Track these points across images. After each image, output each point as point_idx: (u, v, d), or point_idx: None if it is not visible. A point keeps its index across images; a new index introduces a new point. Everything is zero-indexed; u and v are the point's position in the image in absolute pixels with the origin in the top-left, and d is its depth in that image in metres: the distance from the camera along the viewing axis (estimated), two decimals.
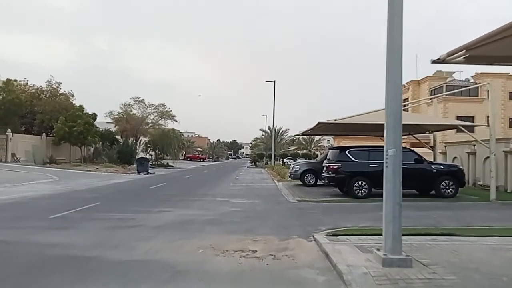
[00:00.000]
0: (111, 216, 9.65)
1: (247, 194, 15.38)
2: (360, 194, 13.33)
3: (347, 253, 5.76)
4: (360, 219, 9.21)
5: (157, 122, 44.11)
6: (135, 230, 7.88)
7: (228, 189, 17.78)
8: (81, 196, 14.12)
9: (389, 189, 5.23)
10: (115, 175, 27.09)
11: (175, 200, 13.33)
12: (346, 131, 18.08)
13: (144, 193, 15.98)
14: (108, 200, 13.13)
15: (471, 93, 47.02)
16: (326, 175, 14.17)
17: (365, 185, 13.36)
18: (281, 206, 11.98)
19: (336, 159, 13.87)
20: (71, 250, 6.16)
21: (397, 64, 5.26)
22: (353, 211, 10.82)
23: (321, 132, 19.97)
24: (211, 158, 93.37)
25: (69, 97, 41.96)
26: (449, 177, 13.58)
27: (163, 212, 10.34)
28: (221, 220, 9.14)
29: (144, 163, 29.93)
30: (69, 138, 34.96)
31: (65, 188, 16.81)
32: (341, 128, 15.68)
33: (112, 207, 11.44)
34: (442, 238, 6.91)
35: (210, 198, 13.81)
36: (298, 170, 19.08)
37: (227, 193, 15.55)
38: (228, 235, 7.36)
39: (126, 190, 16.98)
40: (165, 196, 14.46)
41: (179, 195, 14.84)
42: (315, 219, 9.27)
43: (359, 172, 13.48)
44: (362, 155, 13.72)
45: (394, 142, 5.24)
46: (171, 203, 12.45)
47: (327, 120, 13.05)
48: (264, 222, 8.96)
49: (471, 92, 46.80)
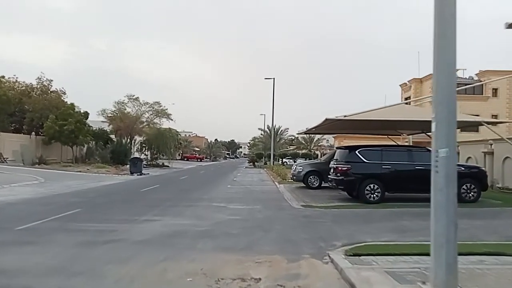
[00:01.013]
0: (89, 227, 8.27)
1: (246, 198, 14.03)
2: (372, 199, 12.01)
3: (379, 284, 4.42)
4: (379, 231, 7.87)
5: (152, 120, 42.57)
6: (112, 247, 6.51)
7: (225, 192, 16.42)
8: (63, 200, 12.73)
9: (440, 201, 3.90)
10: (107, 176, 25.67)
11: (166, 205, 11.96)
12: (354, 129, 16.73)
13: (134, 197, 14.59)
14: (91, 205, 11.75)
15: (475, 91, 45.83)
16: (334, 177, 12.83)
17: (378, 188, 12.03)
18: (285, 213, 10.63)
19: (345, 160, 12.53)
20: (17, 280, 4.77)
21: (451, 36, 3.91)
22: (367, 219, 9.48)
23: (326, 131, 18.56)
24: (209, 158, 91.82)
25: (60, 95, 40.47)
26: (470, 179, 12.26)
27: (150, 222, 8.97)
28: (216, 232, 7.77)
29: (138, 164, 28.51)
30: (60, 137, 33.49)
31: (48, 191, 15.41)
32: (348, 125, 14.36)
33: (94, 214, 10.05)
34: (490, 258, 5.57)
35: (205, 203, 12.45)
36: (301, 171, 17.72)
37: (224, 197, 14.19)
38: (224, 254, 6.01)
39: (115, 194, 15.59)
40: (156, 201, 13.08)
41: (172, 199, 13.47)
42: (326, 231, 7.93)
43: (371, 174, 12.15)
44: (374, 156, 12.40)
45: (447, 139, 3.90)
46: (162, 209, 11.09)
47: (336, 117, 11.73)
48: (266, 235, 7.60)
49: (476, 90, 45.62)
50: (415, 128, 15.50)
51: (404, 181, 12.24)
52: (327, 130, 18.54)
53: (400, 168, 12.21)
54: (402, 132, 18.25)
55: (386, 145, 12.88)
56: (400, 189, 12.60)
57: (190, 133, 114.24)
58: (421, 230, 7.87)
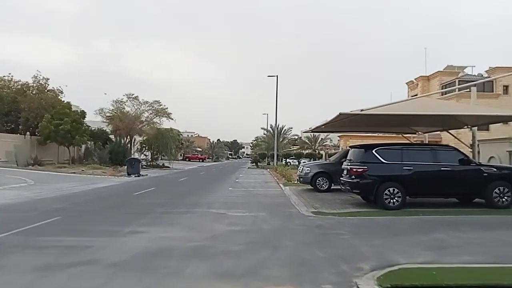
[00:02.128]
0: (60, 242, 6.88)
1: (248, 203, 12.61)
2: (392, 204, 10.56)
3: None
4: (411, 247, 6.44)
5: (152, 120, 41.16)
6: (78, 273, 5.11)
7: (226, 195, 15.00)
8: (44, 206, 11.36)
9: None
10: (102, 178, 24.33)
11: (158, 212, 10.57)
12: (366, 126, 15.23)
13: (124, 202, 13.20)
14: (73, 213, 10.36)
15: (485, 89, 44.24)
16: (348, 179, 11.37)
17: (398, 192, 10.58)
18: (294, 222, 9.19)
19: (361, 160, 11.07)
20: None
21: None
22: (393, 231, 8.04)
23: (335, 128, 17.01)
24: (211, 158, 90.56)
25: (57, 94, 39.19)
26: (504, 182, 10.78)
27: (135, 234, 7.56)
28: (212, 250, 6.35)
29: (135, 165, 27.16)
30: (55, 137, 32.23)
31: (32, 195, 14.07)
32: (362, 122, 12.90)
33: (72, 225, 8.66)
34: None
35: (202, 209, 11.04)
36: (308, 172, 16.26)
37: (224, 202, 12.78)
38: (220, 283, 4.62)
39: (104, 198, 14.21)
40: (148, 207, 11.69)
41: (166, 205, 12.07)
42: (346, 247, 6.50)
43: (391, 177, 10.71)
44: (394, 155, 10.94)
45: None
46: (152, 217, 9.69)
47: (351, 111, 10.28)
48: (274, 253, 6.17)
49: (486, 88, 44.06)
50: (435, 125, 14.03)
51: (428, 184, 10.80)
52: (337, 128, 16.99)
53: (424, 169, 10.77)
54: (417, 130, 16.78)
55: (407, 143, 11.42)
56: (423, 193, 11.17)
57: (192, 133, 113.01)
58: (464, 247, 6.47)
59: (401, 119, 12.46)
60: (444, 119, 12.70)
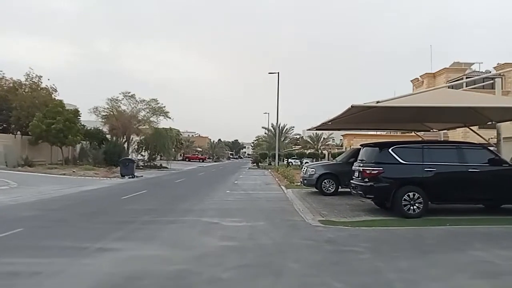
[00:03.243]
0: (3, 266, 5.42)
1: (246, 210, 11.15)
2: (412, 212, 9.10)
3: None
4: (454, 273, 4.97)
5: (149, 119, 39.68)
6: None
7: (222, 200, 13.54)
8: (12, 214, 9.94)
9: None
10: (92, 179, 22.90)
11: (141, 221, 9.11)
12: (379, 122, 13.68)
13: (107, 208, 11.75)
14: (41, 223, 8.93)
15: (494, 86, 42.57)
16: (360, 183, 9.89)
17: (419, 198, 9.11)
18: (300, 234, 7.70)
19: (375, 161, 9.58)
20: None
21: None
22: (421, 247, 6.55)
23: (343, 125, 15.39)
24: (211, 158, 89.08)
25: (51, 92, 37.81)
26: None
27: (102, 254, 6.08)
28: (195, 278, 4.87)
29: (129, 165, 25.70)
30: (47, 137, 30.82)
31: (7, 200, 12.66)
32: (376, 116, 11.41)
33: (31, 239, 7.21)
34: None
35: (193, 218, 9.57)
36: (313, 174, 14.77)
37: (219, 208, 11.32)
38: None
39: (86, 203, 12.76)
40: (131, 214, 10.25)
41: (153, 212, 10.62)
42: (369, 274, 5.02)
43: (410, 180, 9.24)
44: (414, 155, 9.47)
45: None
46: (132, 228, 8.23)
47: (365, 103, 8.80)
48: (277, 283, 4.70)
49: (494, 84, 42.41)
50: (456, 120, 12.53)
51: (454, 188, 9.33)
52: (343, 125, 15.35)
53: (448, 170, 9.30)
54: (432, 127, 15.29)
55: (429, 141, 9.95)
56: (448, 199, 9.68)
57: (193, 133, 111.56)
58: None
59: (418, 113, 10.99)
60: (467, 113, 11.21)
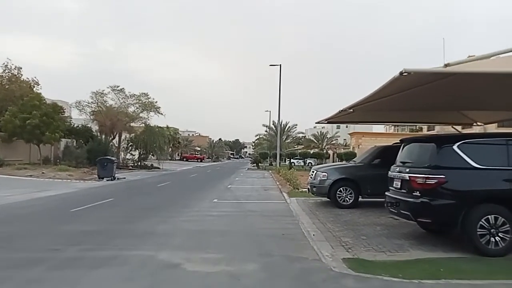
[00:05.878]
0: None
1: (233, 234, 7.67)
2: (498, 246, 5.64)
3: None
4: None
5: (138, 115, 36.21)
6: None
7: (204, 214, 10.10)
8: None
9: None
10: (63, 182, 19.51)
11: (58, 259, 5.65)
12: (408, 110, 9.90)
13: (34, 228, 8.28)
14: None
15: None
16: (405, 198, 6.38)
17: (504, 223, 5.65)
18: None
19: (431, 164, 6.09)
20: None
21: None
22: None
23: (361, 117, 11.64)
24: (210, 158, 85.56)
25: (32, 86, 34.50)
26: None
27: None
28: None
29: (107, 166, 22.23)
30: (22, 134, 27.48)
31: None
32: (410, 101, 7.87)
33: None
34: None
35: (145, 252, 6.10)
36: (325, 179, 11.23)
37: (194, 230, 7.86)
38: None
39: (16, 219, 9.33)
40: (60, 240, 6.80)
41: (94, 236, 7.19)
42: None
43: (491, 194, 5.78)
44: (493, 155, 6.00)
45: None
46: (28, 277, 4.79)
47: (424, 69, 5.30)
48: None
49: None
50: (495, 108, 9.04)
51: None
52: (363, 115, 11.35)
53: None
54: (476, 119, 11.84)
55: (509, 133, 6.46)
56: None
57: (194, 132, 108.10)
58: None
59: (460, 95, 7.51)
60: None
